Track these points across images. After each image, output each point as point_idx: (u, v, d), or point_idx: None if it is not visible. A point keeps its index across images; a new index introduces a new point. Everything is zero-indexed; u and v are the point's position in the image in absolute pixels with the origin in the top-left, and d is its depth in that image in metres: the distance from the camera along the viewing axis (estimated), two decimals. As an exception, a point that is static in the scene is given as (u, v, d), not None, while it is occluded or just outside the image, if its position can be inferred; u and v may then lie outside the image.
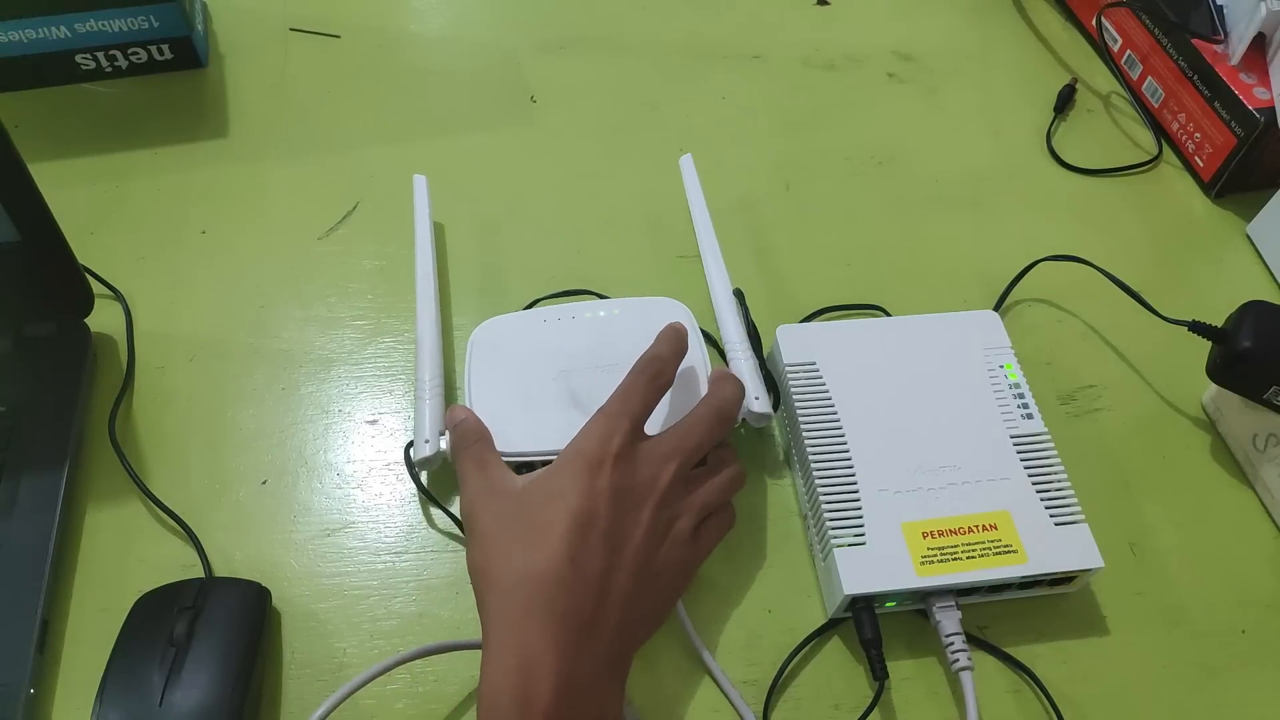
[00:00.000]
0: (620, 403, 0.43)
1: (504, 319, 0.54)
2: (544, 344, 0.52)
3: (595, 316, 0.53)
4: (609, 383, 0.45)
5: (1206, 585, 0.51)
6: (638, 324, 0.52)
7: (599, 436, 0.41)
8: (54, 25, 0.66)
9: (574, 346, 0.52)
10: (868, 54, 0.77)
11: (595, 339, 0.52)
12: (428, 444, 0.48)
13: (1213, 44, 0.67)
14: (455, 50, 0.75)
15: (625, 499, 0.41)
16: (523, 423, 0.49)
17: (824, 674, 0.47)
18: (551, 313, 0.54)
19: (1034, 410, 0.52)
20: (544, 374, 0.51)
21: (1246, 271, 0.65)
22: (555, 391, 0.50)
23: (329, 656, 0.46)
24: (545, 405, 0.50)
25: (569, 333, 0.53)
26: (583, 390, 0.50)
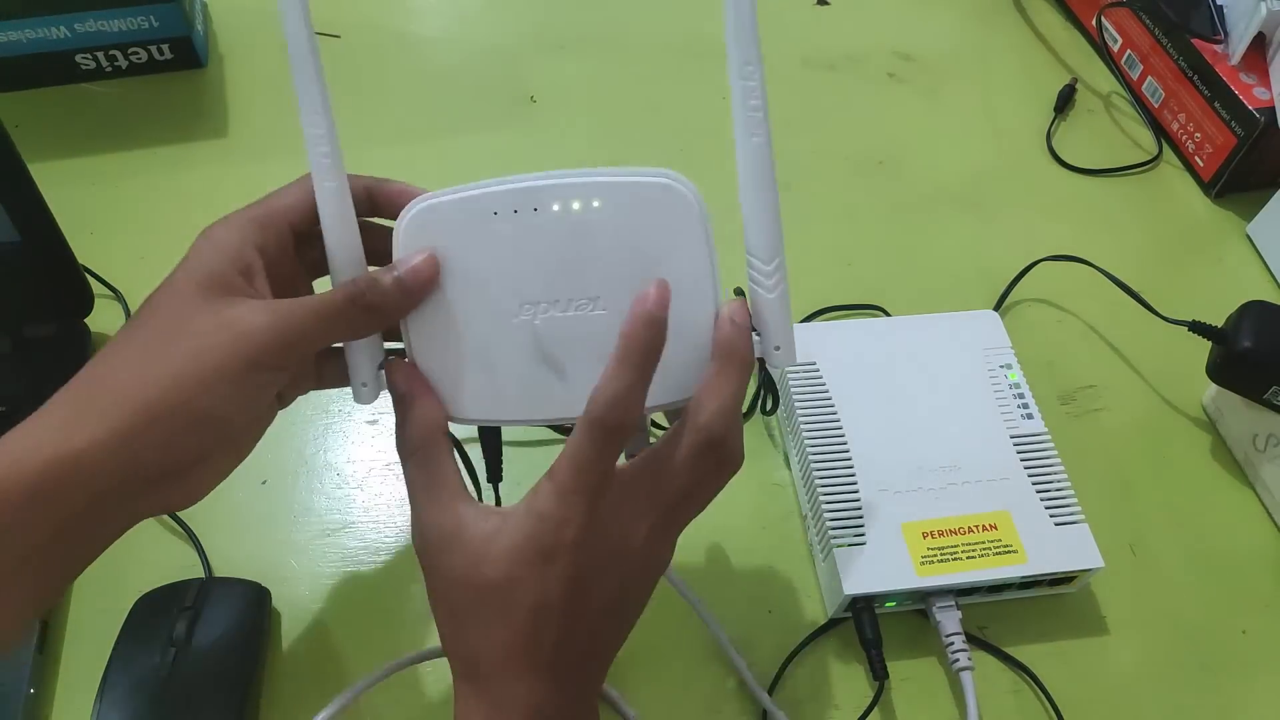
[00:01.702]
0: (574, 474, 0.33)
1: (441, 205, 0.37)
2: (498, 256, 0.37)
3: (567, 212, 0.36)
4: (590, 328, 0.36)
5: (1206, 585, 0.51)
6: (625, 226, 0.36)
7: (554, 521, 0.33)
8: (54, 25, 0.66)
9: (540, 264, 0.37)
10: (868, 54, 0.77)
11: (569, 251, 0.36)
12: (365, 387, 0.39)
13: (1213, 44, 0.67)
14: (455, 50, 0.75)
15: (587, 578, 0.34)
16: (477, 383, 0.38)
17: (824, 674, 0.47)
18: (505, 198, 0.36)
19: (1034, 410, 0.52)
20: (502, 309, 0.37)
21: (1246, 271, 0.65)
22: (517, 340, 0.37)
23: (329, 657, 0.46)
24: (505, 359, 0.38)
25: (531, 238, 0.36)
26: (554, 341, 0.37)
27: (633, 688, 0.46)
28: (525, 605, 0.34)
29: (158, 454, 0.33)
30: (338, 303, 0.36)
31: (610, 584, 0.35)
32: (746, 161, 0.37)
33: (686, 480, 0.35)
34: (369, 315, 0.36)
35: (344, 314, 0.36)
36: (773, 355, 0.39)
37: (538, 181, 0.36)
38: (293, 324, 0.34)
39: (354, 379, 0.39)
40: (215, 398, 0.33)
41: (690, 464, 0.35)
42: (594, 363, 0.35)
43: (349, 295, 0.36)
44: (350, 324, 0.36)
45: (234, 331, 0.34)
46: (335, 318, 0.36)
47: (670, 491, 0.35)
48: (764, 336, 0.38)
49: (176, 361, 0.33)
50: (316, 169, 0.37)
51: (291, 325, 0.34)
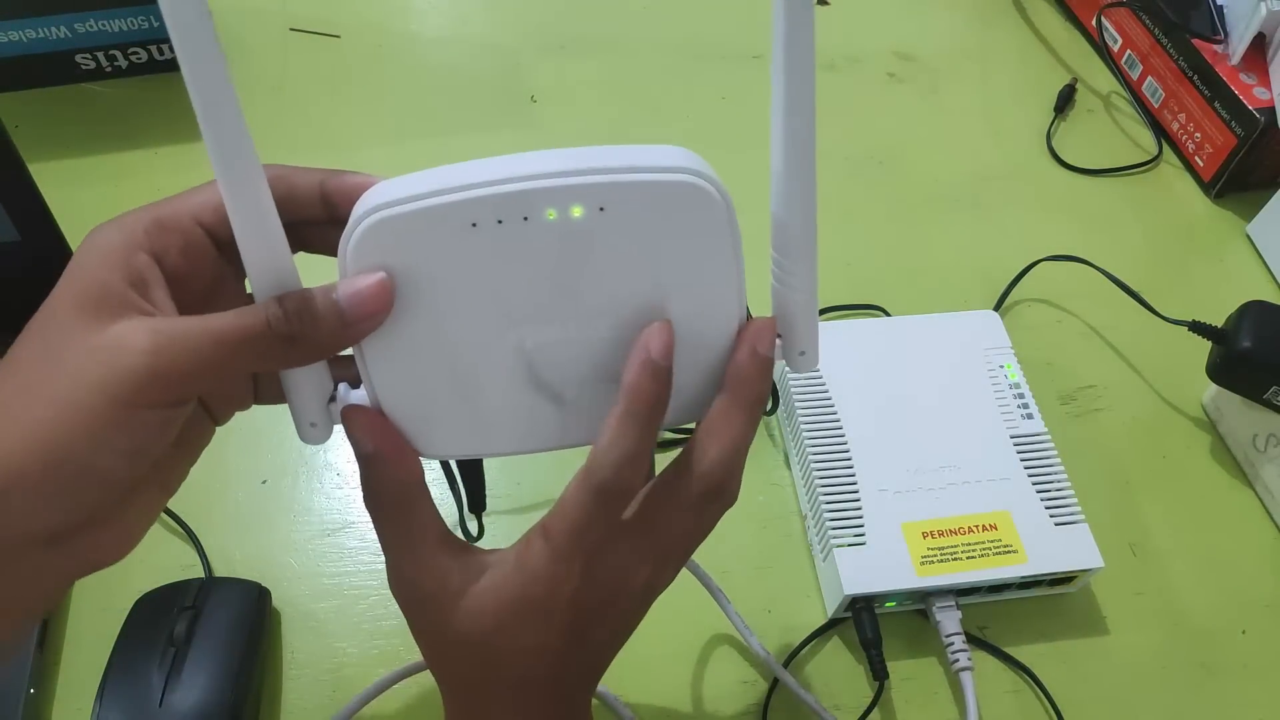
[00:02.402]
0: (572, 538, 0.30)
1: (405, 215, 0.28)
2: (479, 274, 0.29)
3: (565, 220, 0.29)
4: (590, 350, 0.31)
5: (1206, 585, 0.51)
6: (637, 234, 0.30)
7: (547, 581, 0.30)
8: (54, 25, 0.66)
9: (531, 282, 0.29)
10: (868, 54, 0.77)
11: (565, 264, 0.29)
12: (314, 427, 0.32)
13: (1213, 44, 0.67)
14: (455, 50, 0.75)
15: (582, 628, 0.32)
16: (455, 415, 0.31)
17: (824, 674, 0.47)
18: (486, 206, 0.28)
19: (1034, 410, 0.52)
20: (484, 333, 0.30)
21: (1246, 271, 0.65)
22: (505, 366, 0.31)
23: (329, 657, 0.46)
24: (490, 388, 0.31)
25: (520, 252, 0.29)
26: (550, 361, 0.31)
27: (632, 688, 0.46)
28: (516, 659, 0.32)
29: (34, 518, 0.27)
30: (248, 328, 0.27)
31: (606, 629, 0.34)
32: (787, 163, 0.33)
33: (688, 527, 0.32)
34: (289, 348, 0.28)
35: (254, 344, 0.28)
36: (796, 361, 0.34)
37: (528, 183, 0.28)
38: (183, 352, 0.27)
39: (297, 417, 0.31)
40: (83, 448, 0.27)
41: (692, 513, 0.32)
42: (598, 384, 0.31)
43: (263, 321, 0.28)
44: (263, 356, 0.28)
45: (102, 362, 0.26)
46: (242, 347, 0.27)
47: (670, 541, 0.32)
48: (787, 340, 0.34)
49: (39, 408, 0.27)
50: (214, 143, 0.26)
51: (181, 353, 0.27)
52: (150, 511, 0.32)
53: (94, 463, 0.27)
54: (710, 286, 0.32)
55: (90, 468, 0.27)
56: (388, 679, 0.44)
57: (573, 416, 0.32)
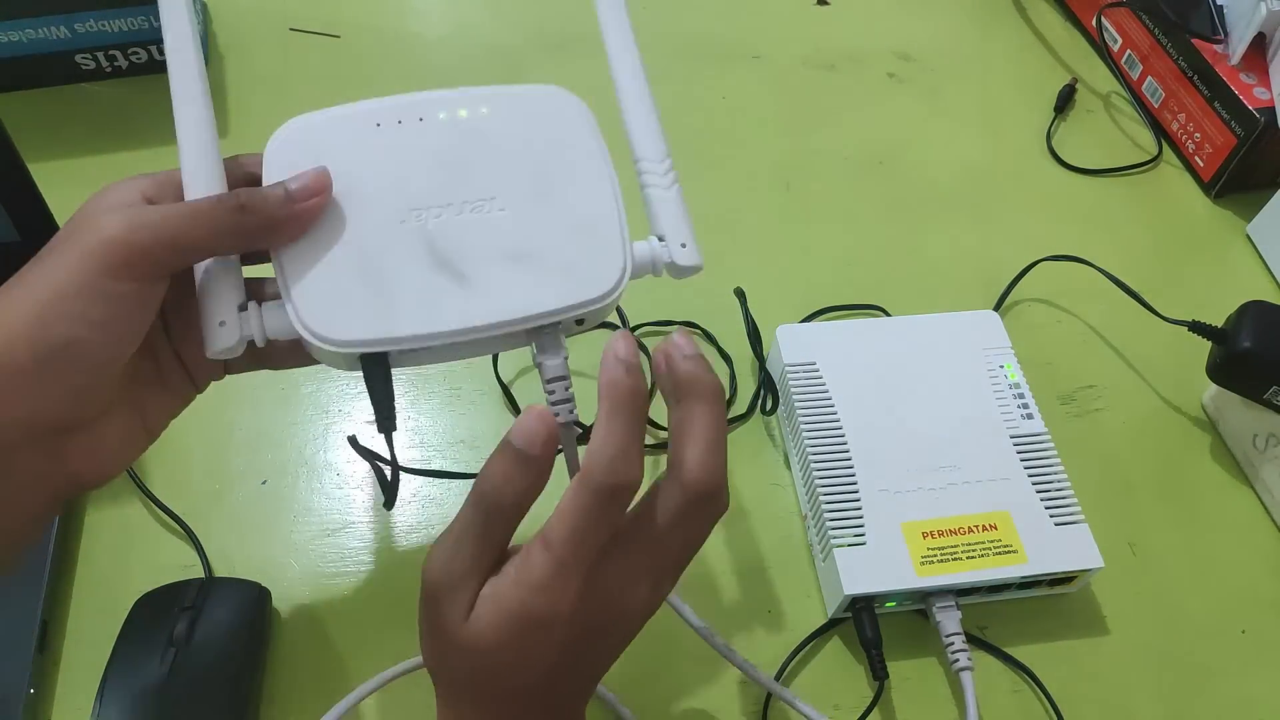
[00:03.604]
0: (572, 545, 0.30)
1: (314, 118, 0.35)
2: (382, 167, 0.34)
3: (454, 119, 0.36)
4: (488, 228, 0.34)
5: (1206, 585, 0.51)
6: (516, 132, 0.36)
7: (548, 594, 0.31)
8: (54, 25, 0.66)
9: (426, 167, 0.35)
10: (868, 54, 0.77)
11: (457, 154, 0.35)
12: (224, 326, 0.33)
13: (1213, 44, 0.67)
14: (455, 50, 0.75)
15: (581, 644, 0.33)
16: (365, 299, 0.33)
17: (824, 674, 0.47)
18: (387, 110, 0.36)
19: (1034, 410, 0.52)
20: (387, 216, 0.34)
21: (1246, 271, 0.65)
22: (409, 244, 0.34)
23: (329, 657, 0.46)
24: (397, 267, 0.33)
25: (416, 145, 0.35)
26: (451, 240, 0.34)
27: (630, 688, 0.46)
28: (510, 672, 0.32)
29: (18, 403, 0.29)
30: (205, 204, 0.32)
31: (603, 645, 0.34)
32: (624, 72, 0.39)
33: (682, 537, 0.33)
34: (246, 221, 0.32)
35: (213, 215, 0.31)
36: (679, 254, 0.36)
37: (421, 95, 0.36)
38: (150, 222, 0.30)
39: (207, 318, 0.33)
40: (63, 319, 0.29)
41: (685, 523, 0.32)
42: (497, 265, 0.34)
43: (220, 197, 0.32)
44: (219, 229, 0.31)
45: (80, 241, 0.30)
46: (202, 218, 0.31)
47: (666, 552, 0.33)
48: (668, 238, 0.37)
49: (21, 292, 0.30)
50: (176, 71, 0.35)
51: (149, 225, 0.30)
52: (132, 439, 0.34)
53: (75, 336, 0.29)
54: (584, 168, 0.36)
55: (72, 342, 0.29)
56: (385, 677, 0.44)
57: (475, 296, 0.34)
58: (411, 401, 0.55)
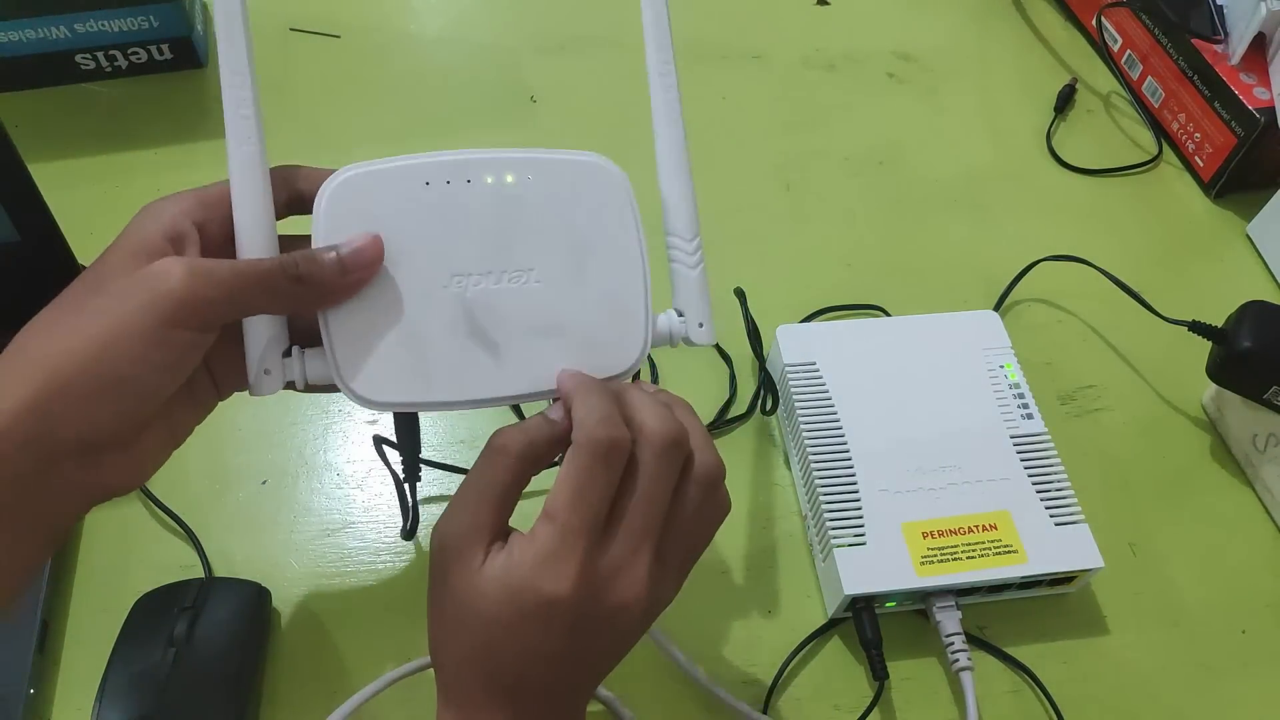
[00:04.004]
0: (572, 507, 0.32)
1: (369, 173, 0.36)
2: (428, 226, 0.36)
3: (500, 184, 0.37)
4: (522, 301, 0.36)
5: (1206, 585, 0.51)
6: (557, 203, 0.37)
7: (553, 569, 0.32)
8: (54, 25, 0.66)
9: (471, 233, 0.36)
10: (868, 54, 0.77)
11: (500, 222, 0.37)
12: (268, 375, 0.36)
13: (1213, 44, 0.67)
14: (455, 50, 0.75)
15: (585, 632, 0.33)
16: (400, 361, 0.36)
17: (824, 674, 0.47)
18: (436, 169, 0.37)
19: (1034, 410, 0.52)
20: (430, 280, 0.36)
21: (1246, 271, 0.65)
22: (447, 313, 0.36)
23: (329, 657, 0.46)
24: (432, 334, 0.36)
25: (463, 208, 0.36)
26: (487, 310, 0.36)
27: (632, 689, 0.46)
28: (512, 660, 0.33)
29: (72, 424, 0.31)
30: (267, 267, 0.34)
31: (606, 638, 0.34)
32: (667, 149, 0.40)
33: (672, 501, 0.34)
34: (298, 288, 0.34)
35: (271, 280, 0.33)
36: (696, 333, 0.39)
37: (471, 155, 0.37)
38: (213, 281, 0.32)
39: (253, 364, 0.35)
40: (125, 359, 0.31)
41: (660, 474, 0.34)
42: (528, 338, 0.36)
43: (281, 262, 0.34)
44: (275, 293, 0.34)
45: (147, 287, 0.32)
46: (261, 282, 0.33)
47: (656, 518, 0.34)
48: (687, 315, 0.39)
49: (87, 324, 0.31)
50: (233, 130, 0.35)
51: (211, 282, 0.32)
52: (161, 450, 0.36)
53: (133, 374, 0.32)
54: (619, 248, 0.37)
55: (129, 379, 0.32)
56: (387, 679, 0.44)
57: (507, 368, 0.36)
58: (411, 401, 0.55)
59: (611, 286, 0.37)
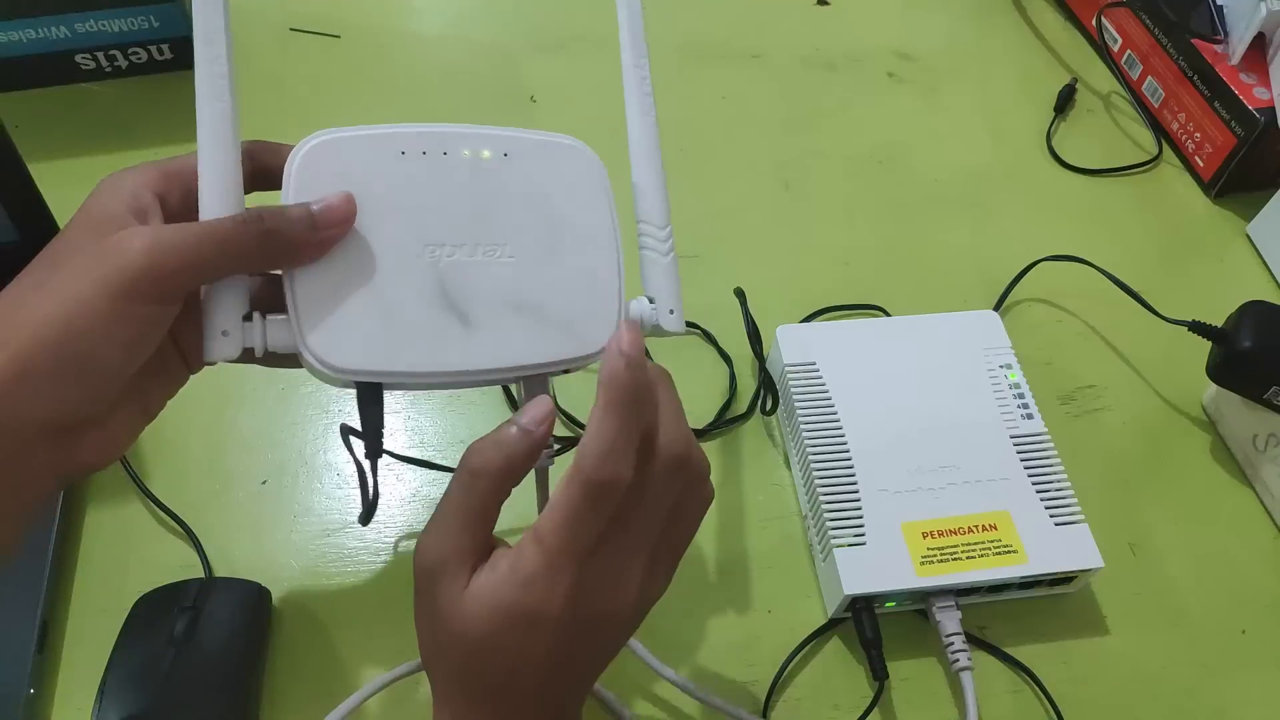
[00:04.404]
0: (565, 539, 0.31)
1: (341, 137, 0.35)
2: (402, 198, 0.35)
3: (476, 159, 0.36)
4: (495, 275, 0.35)
5: (1206, 585, 0.51)
6: (533, 181, 0.37)
7: (540, 589, 0.31)
8: (54, 25, 0.66)
9: (445, 204, 0.35)
10: (868, 54, 0.77)
11: (476, 195, 0.36)
12: (226, 336, 0.34)
13: (1213, 44, 0.67)
14: (455, 50, 0.75)
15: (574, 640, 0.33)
16: (370, 330, 0.34)
17: (824, 674, 0.47)
18: (413, 139, 0.35)
19: (1034, 410, 0.52)
20: (402, 247, 0.35)
21: (1246, 271, 0.65)
22: (418, 281, 0.35)
23: (329, 657, 0.46)
24: (404, 302, 0.34)
25: (439, 179, 0.36)
26: (459, 281, 0.35)
27: (632, 689, 0.46)
28: (503, 668, 0.32)
29: (38, 406, 0.30)
30: (230, 225, 0.32)
31: (597, 643, 0.34)
32: (639, 138, 0.40)
33: (669, 514, 0.33)
34: (265, 243, 0.32)
35: (235, 237, 0.32)
36: (666, 319, 0.38)
37: (448, 128, 0.36)
38: (174, 249, 0.31)
39: (210, 326, 0.33)
40: (87, 337, 0.30)
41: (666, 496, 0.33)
42: (500, 312, 0.35)
43: (245, 220, 0.32)
44: (240, 251, 0.32)
45: (106, 262, 0.30)
46: (224, 241, 0.32)
47: (652, 525, 0.33)
48: (658, 302, 0.38)
49: (46, 302, 0.30)
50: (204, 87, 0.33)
51: (173, 249, 0.31)
52: (134, 425, 0.35)
53: (97, 351, 0.31)
54: (593, 227, 0.37)
55: (93, 356, 0.31)
56: (386, 679, 0.44)
57: (475, 341, 0.35)
58: (411, 401, 0.55)
59: (585, 265, 0.37)
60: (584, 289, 0.36)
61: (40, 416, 0.31)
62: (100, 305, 0.30)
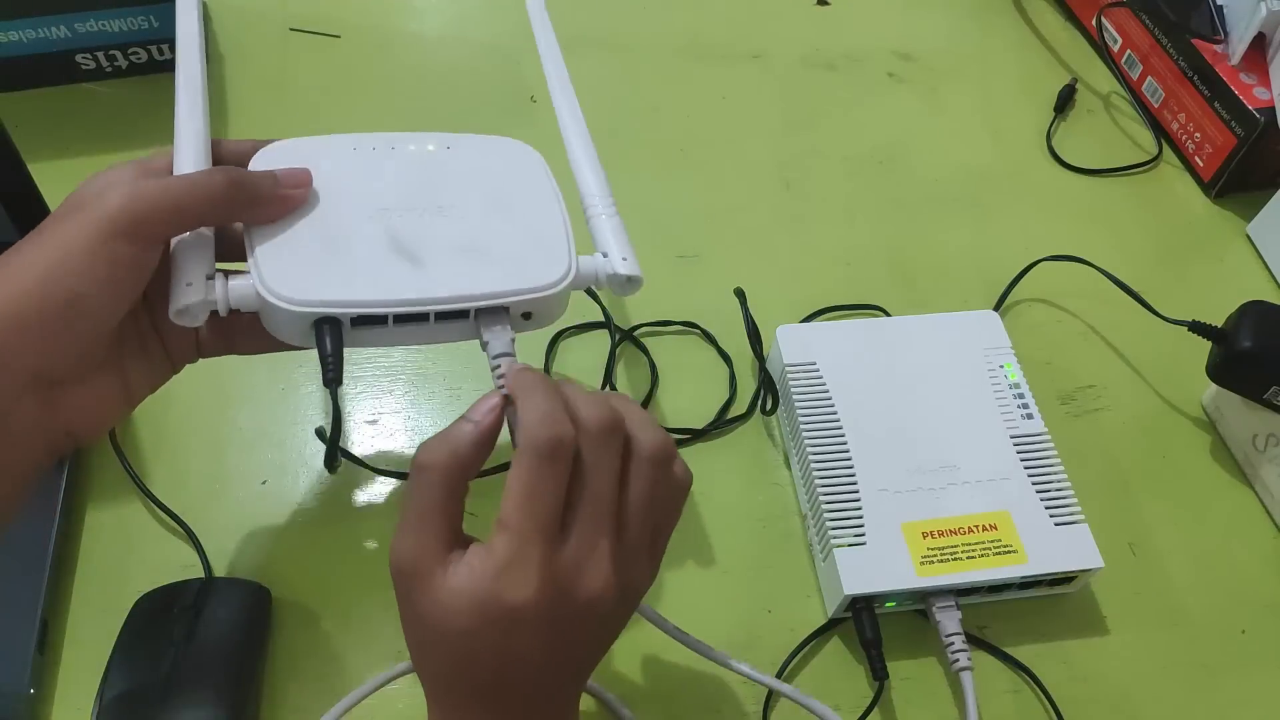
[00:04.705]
0: (523, 511, 0.32)
1: (296, 142, 0.40)
2: (354, 177, 0.39)
3: (422, 150, 0.41)
4: (444, 227, 0.38)
5: (1206, 585, 0.51)
6: (476, 164, 0.41)
7: (514, 576, 0.31)
8: (54, 25, 0.66)
9: (395, 182, 0.40)
10: (868, 54, 0.77)
11: (422, 175, 0.40)
12: (190, 286, 0.35)
13: (1213, 44, 0.67)
14: (455, 50, 0.75)
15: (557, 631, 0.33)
16: (326, 266, 0.37)
17: (824, 674, 0.47)
18: (363, 141, 0.41)
19: (1034, 410, 0.52)
20: (355, 211, 0.38)
21: (1246, 271, 0.65)
22: (371, 232, 0.38)
23: (329, 657, 0.46)
24: (358, 247, 0.37)
25: (388, 167, 0.40)
26: (410, 233, 0.38)
27: (632, 688, 0.46)
28: (490, 663, 0.32)
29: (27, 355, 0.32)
30: (206, 175, 0.36)
31: (584, 630, 0.34)
32: (568, 122, 0.47)
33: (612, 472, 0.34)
34: (236, 194, 0.36)
35: (211, 187, 0.35)
36: (620, 265, 0.41)
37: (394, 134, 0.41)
38: (151, 193, 0.34)
39: (176, 280, 0.36)
40: (70, 276, 0.32)
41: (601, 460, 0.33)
42: (448, 253, 0.38)
43: (216, 170, 0.37)
44: (214, 200, 0.35)
45: (89, 209, 0.33)
46: (197, 187, 0.35)
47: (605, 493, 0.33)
48: (611, 255, 0.41)
49: (31, 254, 0.33)
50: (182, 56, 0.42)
51: (149, 194, 0.34)
52: (114, 402, 0.37)
53: (81, 291, 0.33)
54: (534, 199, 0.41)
55: (77, 298, 0.33)
56: (385, 678, 0.44)
57: (427, 277, 0.37)
58: (412, 402, 0.55)
59: (532, 223, 0.40)
60: (532, 237, 0.39)
61: (30, 366, 0.33)
62: (84, 245, 0.33)
